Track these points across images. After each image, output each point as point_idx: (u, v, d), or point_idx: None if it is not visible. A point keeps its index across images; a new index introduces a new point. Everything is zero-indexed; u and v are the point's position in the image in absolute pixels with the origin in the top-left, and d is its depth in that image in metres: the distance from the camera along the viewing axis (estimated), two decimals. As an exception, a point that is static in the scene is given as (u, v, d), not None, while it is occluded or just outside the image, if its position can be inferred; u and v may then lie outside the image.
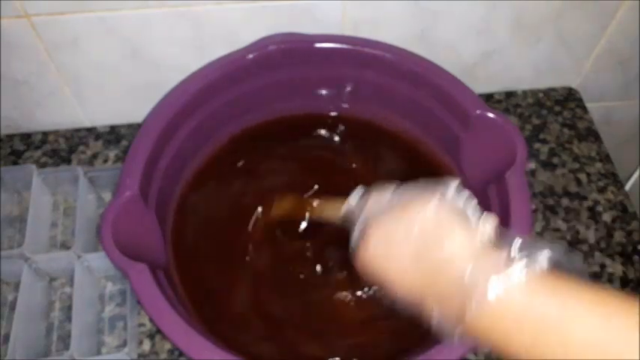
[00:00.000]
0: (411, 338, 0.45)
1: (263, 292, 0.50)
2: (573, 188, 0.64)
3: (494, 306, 0.29)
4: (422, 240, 0.33)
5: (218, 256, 0.52)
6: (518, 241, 0.31)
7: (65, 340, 0.53)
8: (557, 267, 0.30)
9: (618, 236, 0.60)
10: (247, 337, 0.47)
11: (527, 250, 0.30)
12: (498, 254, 0.30)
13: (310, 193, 0.54)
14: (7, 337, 0.50)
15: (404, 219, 0.35)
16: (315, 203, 0.51)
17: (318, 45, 0.53)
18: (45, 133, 0.66)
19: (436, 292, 0.32)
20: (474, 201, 0.35)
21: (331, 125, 0.59)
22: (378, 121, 0.58)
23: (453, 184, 0.35)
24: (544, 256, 0.30)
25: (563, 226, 0.61)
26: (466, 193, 0.35)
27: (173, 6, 0.54)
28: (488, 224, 0.33)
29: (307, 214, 0.51)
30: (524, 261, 0.29)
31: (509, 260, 0.30)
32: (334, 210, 0.45)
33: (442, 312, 0.32)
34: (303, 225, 0.52)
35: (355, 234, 0.38)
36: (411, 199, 0.35)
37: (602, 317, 0.27)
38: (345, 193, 0.55)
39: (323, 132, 0.59)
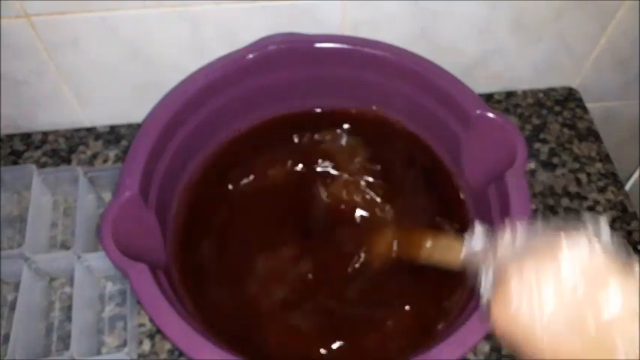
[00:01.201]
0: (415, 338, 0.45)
1: (264, 293, 0.50)
2: (573, 188, 0.64)
3: None
4: (577, 297, 0.27)
5: (218, 256, 0.52)
6: None
7: (65, 340, 0.53)
8: None
9: (618, 236, 0.60)
10: (248, 336, 0.47)
11: None
12: None
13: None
14: (7, 337, 0.50)
15: (552, 266, 0.28)
16: (427, 241, 0.43)
17: (318, 45, 0.53)
18: (45, 133, 0.66)
19: None
20: (624, 242, 0.29)
21: (331, 125, 0.59)
22: (378, 121, 0.58)
23: (604, 223, 0.29)
24: None
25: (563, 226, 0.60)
26: (615, 235, 0.29)
27: (173, 6, 0.54)
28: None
29: (420, 255, 0.44)
30: None
31: None
32: (451, 251, 0.39)
33: None
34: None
35: (486, 283, 0.32)
36: (559, 239, 0.28)
37: None
38: (345, 193, 0.56)
39: (323, 132, 0.59)
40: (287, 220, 0.55)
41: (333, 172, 0.57)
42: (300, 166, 0.57)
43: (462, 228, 0.52)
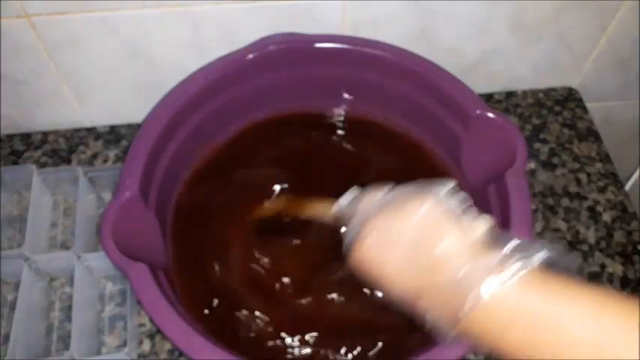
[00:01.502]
0: (406, 339, 0.45)
1: (264, 293, 0.50)
2: (573, 188, 0.64)
3: (487, 305, 0.29)
4: (416, 240, 0.33)
5: (218, 256, 0.52)
6: (513, 242, 0.31)
7: (65, 340, 0.53)
8: (553, 267, 0.30)
9: (618, 236, 0.60)
10: (247, 336, 0.47)
11: (523, 250, 0.30)
12: (493, 254, 0.31)
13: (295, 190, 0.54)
14: (7, 337, 0.50)
15: (398, 219, 0.35)
16: (306, 203, 0.50)
17: (318, 45, 0.53)
18: (45, 133, 0.66)
19: (431, 292, 0.32)
20: (469, 202, 0.35)
21: (331, 125, 0.59)
22: (378, 121, 0.58)
23: (448, 184, 0.35)
24: (539, 256, 0.30)
25: (563, 226, 0.61)
26: (461, 194, 0.35)
27: (173, 6, 0.54)
28: (483, 224, 0.33)
29: (297, 214, 0.50)
30: (518, 261, 0.30)
31: (504, 260, 0.30)
32: (325, 209, 0.45)
33: (437, 312, 0.32)
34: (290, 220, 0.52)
35: (348, 235, 0.38)
36: (405, 199, 0.35)
37: (596, 317, 0.27)
38: (343, 193, 0.56)
39: (323, 132, 0.59)
40: (287, 220, 0.55)
41: (333, 172, 0.57)
42: (301, 165, 0.57)
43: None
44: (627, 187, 0.86)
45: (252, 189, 0.56)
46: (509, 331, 0.29)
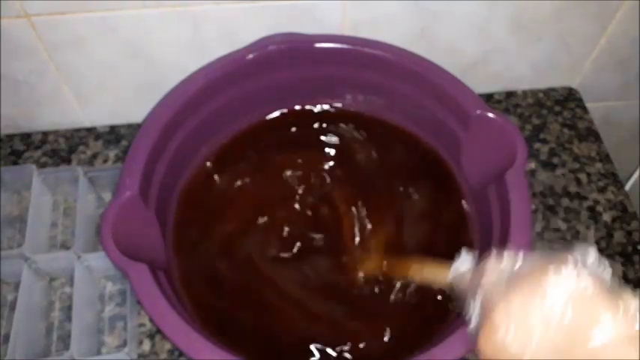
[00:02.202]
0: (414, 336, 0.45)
1: (264, 292, 0.50)
2: (573, 188, 0.64)
3: None
4: (564, 324, 0.27)
5: (219, 256, 0.52)
6: None
7: (65, 340, 0.53)
8: None
9: (618, 236, 0.60)
10: (247, 336, 0.47)
11: None
12: None
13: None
14: (7, 337, 0.50)
15: (537, 298, 0.28)
16: (414, 265, 0.45)
17: (318, 45, 0.53)
18: (45, 133, 0.66)
19: None
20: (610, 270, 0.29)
21: (331, 125, 0.59)
22: (377, 121, 0.58)
23: (591, 251, 0.29)
24: None
25: (563, 226, 0.61)
26: (605, 262, 0.29)
27: (173, 6, 0.54)
28: (635, 300, 0.26)
29: (402, 275, 0.47)
30: None
31: None
32: (438, 274, 0.40)
33: None
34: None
35: (472, 314, 0.32)
36: (543, 271, 0.28)
37: None
38: (343, 192, 0.56)
39: (323, 132, 0.59)
40: (287, 220, 0.55)
41: (333, 172, 0.57)
42: (301, 166, 0.57)
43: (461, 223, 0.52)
44: (627, 187, 0.86)
45: (252, 189, 0.56)
46: None
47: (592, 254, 0.29)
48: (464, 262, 0.37)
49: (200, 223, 0.53)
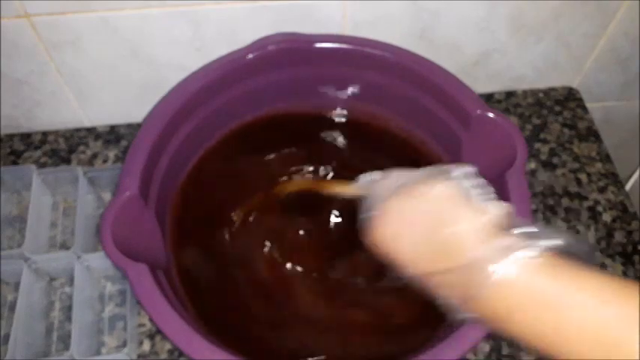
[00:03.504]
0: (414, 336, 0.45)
1: (264, 292, 0.50)
2: (573, 188, 0.64)
3: (496, 287, 0.30)
4: (429, 220, 0.34)
5: (218, 256, 0.52)
6: (526, 228, 0.32)
7: (65, 340, 0.53)
8: (566, 254, 0.31)
9: (618, 236, 0.60)
10: (248, 336, 0.47)
11: (535, 236, 0.31)
12: (504, 237, 0.31)
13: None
14: (7, 337, 0.50)
15: (412, 198, 0.35)
16: (326, 181, 0.52)
17: (318, 45, 0.53)
18: (45, 133, 0.66)
19: (442, 271, 0.33)
20: (488, 188, 0.35)
21: (331, 125, 0.59)
22: (378, 121, 0.58)
23: (465, 168, 0.36)
24: (550, 242, 0.30)
25: (563, 226, 0.61)
26: (479, 179, 0.35)
27: (174, 6, 0.54)
28: (497, 208, 0.33)
29: (318, 189, 0.51)
30: (529, 245, 0.30)
31: (515, 243, 0.31)
32: (343, 189, 0.46)
33: (448, 290, 0.33)
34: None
35: (364, 213, 0.39)
36: (421, 180, 0.36)
37: (601, 304, 0.28)
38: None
39: (323, 131, 0.59)
40: (287, 220, 0.55)
41: (334, 172, 0.57)
42: (301, 166, 0.57)
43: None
44: (627, 187, 0.86)
45: (252, 189, 0.56)
46: (515, 313, 0.30)
47: (460, 171, 0.35)
48: (367, 175, 0.43)
49: (200, 223, 0.53)
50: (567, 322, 0.28)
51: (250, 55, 0.52)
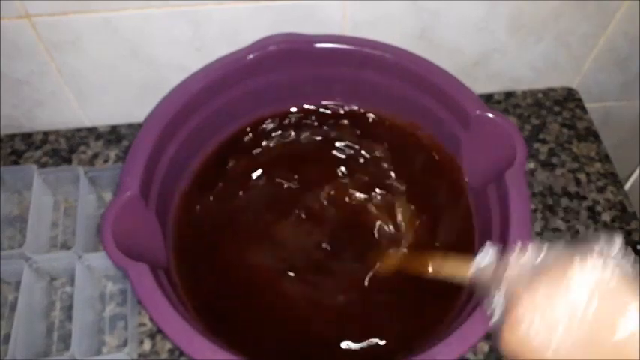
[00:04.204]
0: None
1: (264, 292, 0.51)
2: (572, 188, 0.64)
3: None
4: (589, 318, 0.27)
5: (219, 256, 0.52)
6: None
7: (66, 340, 0.53)
8: None
9: (632, 254, 0.60)
10: (248, 336, 0.47)
11: None
12: None
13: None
14: (7, 337, 0.50)
15: (561, 290, 0.27)
16: (434, 260, 0.44)
17: (318, 45, 0.53)
18: (46, 133, 0.66)
19: None
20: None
21: (331, 125, 0.59)
22: (378, 121, 0.58)
23: (616, 241, 0.28)
24: None
25: (562, 226, 0.61)
26: (630, 251, 0.29)
27: (175, 6, 0.54)
28: None
29: (422, 271, 0.45)
30: None
31: None
32: (460, 269, 0.39)
33: None
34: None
35: (495, 309, 0.32)
36: (567, 264, 0.28)
37: None
38: (346, 190, 0.56)
39: (323, 132, 0.59)
40: (287, 219, 0.55)
41: (334, 171, 0.57)
42: (302, 165, 0.57)
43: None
44: (627, 187, 0.86)
45: (253, 189, 0.56)
46: None
47: (617, 244, 0.28)
48: (486, 255, 0.36)
49: (200, 223, 0.53)
50: None
51: (251, 56, 0.52)
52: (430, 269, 0.44)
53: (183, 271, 0.49)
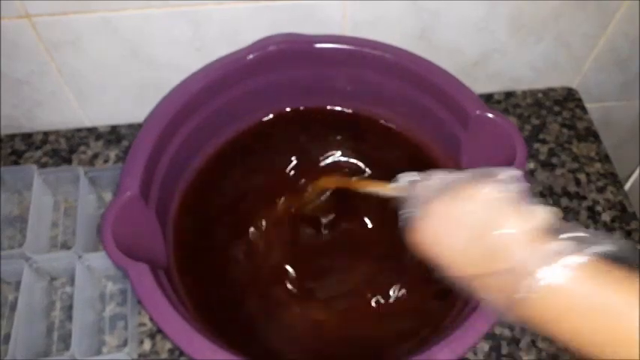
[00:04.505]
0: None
1: (265, 292, 0.51)
2: (572, 188, 0.64)
3: (543, 292, 0.30)
4: (475, 223, 0.34)
5: (219, 256, 0.52)
6: (575, 232, 0.31)
7: (66, 340, 0.53)
8: (616, 260, 0.30)
9: (617, 236, 0.60)
10: (248, 336, 0.47)
11: (584, 241, 0.30)
12: (551, 242, 0.31)
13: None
14: (7, 337, 0.50)
15: (458, 201, 0.35)
16: (360, 180, 0.51)
17: (318, 45, 0.53)
18: (46, 133, 0.66)
19: (489, 274, 0.32)
20: (534, 192, 0.35)
21: (331, 125, 0.59)
22: (378, 121, 0.58)
23: (511, 171, 0.35)
24: (599, 247, 0.30)
25: (562, 225, 0.61)
26: (525, 183, 0.35)
27: (175, 6, 0.54)
28: (544, 213, 0.33)
29: (353, 188, 0.50)
30: (577, 250, 0.30)
31: (562, 248, 0.30)
32: (381, 187, 0.45)
33: (493, 294, 0.33)
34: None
35: (406, 214, 0.38)
36: (466, 183, 0.35)
37: None
38: (347, 188, 0.56)
39: (323, 132, 0.59)
40: (287, 219, 0.55)
41: (333, 172, 0.57)
42: (302, 166, 0.57)
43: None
44: (626, 187, 0.86)
45: (253, 189, 0.56)
46: (564, 319, 0.30)
47: (506, 173, 0.35)
48: (404, 177, 0.41)
49: (200, 223, 0.53)
50: (617, 329, 0.28)
51: (251, 56, 0.52)
52: (358, 187, 0.50)
53: (183, 271, 0.49)
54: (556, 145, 0.67)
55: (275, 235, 0.54)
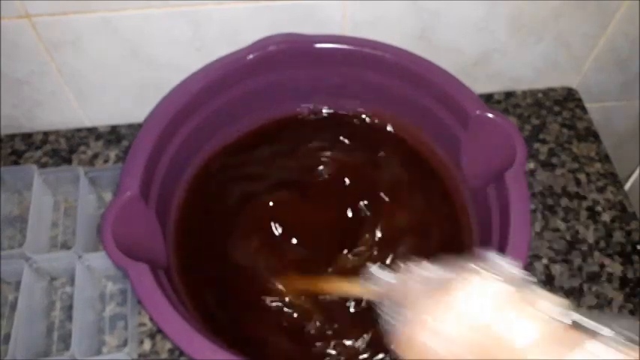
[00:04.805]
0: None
1: (265, 292, 0.50)
2: (572, 188, 0.64)
3: None
4: (479, 334, 0.28)
5: (219, 256, 0.52)
6: (602, 330, 0.26)
7: (66, 340, 0.53)
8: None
9: (617, 236, 0.60)
10: (248, 336, 0.47)
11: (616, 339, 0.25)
12: (574, 336, 0.26)
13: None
14: (7, 337, 0.50)
15: (451, 302, 0.29)
16: (327, 283, 0.47)
17: (318, 45, 0.53)
18: (46, 133, 0.66)
19: None
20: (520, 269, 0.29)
21: (331, 125, 0.59)
22: (378, 121, 0.58)
23: (495, 255, 0.30)
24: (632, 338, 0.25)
25: (562, 225, 0.61)
26: (509, 261, 0.30)
27: (175, 6, 0.54)
28: (555, 305, 0.27)
29: (322, 291, 0.48)
30: (610, 343, 0.25)
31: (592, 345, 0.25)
32: (352, 289, 0.42)
33: None
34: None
35: (388, 320, 0.34)
36: (451, 277, 0.30)
37: None
38: (346, 190, 0.56)
39: (323, 132, 0.59)
40: (287, 218, 0.55)
41: (334, 172, 0.57)
42: (302, 166, 0.57)
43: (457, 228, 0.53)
44: (627, 187, 0.86)
45: (254, 189, 0.56)
46: None
47: (496, 258, 0.30)
48: (380, 273, 0.37)
49: (200, 223, 0.53)
50: None
51: (251, 56, 0.52)
52: (329, 289, 0.47)
53: (184, 271, 0.49)
54: (556, 145, 0.67)
55: (275, 235, 0.54)
